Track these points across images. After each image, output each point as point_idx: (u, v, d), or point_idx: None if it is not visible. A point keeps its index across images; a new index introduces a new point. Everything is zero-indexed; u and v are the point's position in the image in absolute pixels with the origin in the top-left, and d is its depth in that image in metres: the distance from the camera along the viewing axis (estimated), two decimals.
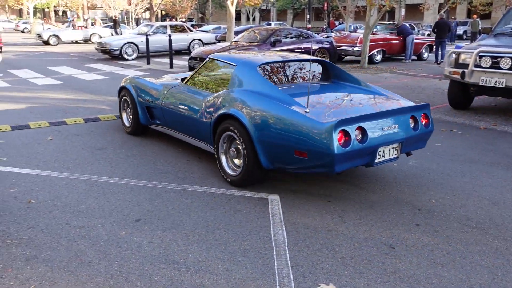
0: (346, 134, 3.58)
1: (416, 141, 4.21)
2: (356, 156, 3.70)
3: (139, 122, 5.90)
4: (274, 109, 3.93)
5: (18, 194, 4.08)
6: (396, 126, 3.93)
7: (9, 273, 2.84)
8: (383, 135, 3.83)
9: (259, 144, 3.98)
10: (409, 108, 4.12)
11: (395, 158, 4.05)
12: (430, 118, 4.28)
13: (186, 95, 5.04)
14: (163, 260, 3.00)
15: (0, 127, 6.47)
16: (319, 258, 3.05)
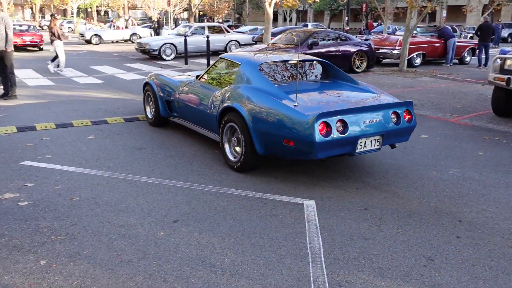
0: (328, 125, 4.07)
1: (399, 134, 4.61)
2: (337, 145, 4.17)
3: (159, 114, 6.49)
4: (268, 103, 4.45)
5: (62, 191, 4.24)
6: (377, 120, 4.37)
7: (53, 268, 2.95)
8: (364, 127, 4.28)
9: (254, 133, 4.50)
10: (391, 104, 4.56)
11: (377, 149, 4.49)
12: (413, 114, 4.67)
13: (198, 90, 5.61)
14: (200, 262, 3.05)
15: (46, 125, 6.74)
16: (356, 267, 3.02)
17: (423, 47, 15.11)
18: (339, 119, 4.14)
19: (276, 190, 4.34)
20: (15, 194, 4.15)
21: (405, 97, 9.27)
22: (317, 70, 5.78)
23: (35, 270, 2.93)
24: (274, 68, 5.52)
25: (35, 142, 5.84)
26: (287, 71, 5.59)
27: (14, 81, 8.91)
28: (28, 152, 5.41)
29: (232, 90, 4.92)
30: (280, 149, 4.40)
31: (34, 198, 4.08)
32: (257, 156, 4.63)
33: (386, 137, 4.49)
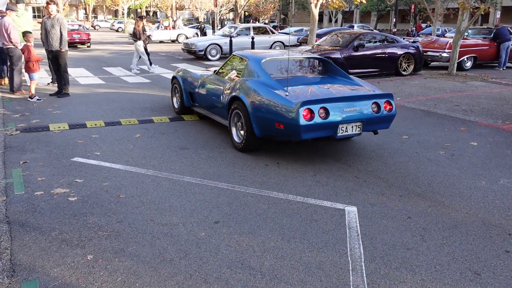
0: (311, 111, 4.76)
1: (378, 122, 5.24)
2: (319, 129, 4.86)
3: (184, 104, 7.44)
4: (265, 93, 5.21)
5: (109, 188, 4.40)
6: (357, 108, 5.02)
7: (99, 263, 3.07)
8: (345, 114, 4.95)
9: (253, 119, 5.27)
10: (371, 95, 5.20)
11: (358, 134, 5.16)
12: (393, 105, 5.28)
13: (214, 82, 6.49)
14: (240, 264, 3.08)
15: (95, 123, 7.01)
16: (397, 278, 2.95)
17: (475, 49, 14.53)
18: (321, 106, 4.83)
19: (317, 195, 4.31)
20: (66, 190, 4.35)
21: (453, 102, 8.96)
22: (318, 66, 6.49)
23: (82, 264, 3.06)
24: (277, 64, 6.13)
25: (85, 139, 6.09)
26: (289, 66, 6.18)
27: (67, 79, 9.33)
28: (78, 149, 5.66)
29: (239, 82, 5.72)
30: (273, 131, 5.16)
31: (83, 194, 4.26)
32: (256, 138, 5.41)
33: (366, 124, 5.15)
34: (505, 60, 14.89)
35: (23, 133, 6.38)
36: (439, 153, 5.64)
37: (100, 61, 16.91)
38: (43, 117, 7.40)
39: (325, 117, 4.84)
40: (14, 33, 9.16)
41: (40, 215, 3.78)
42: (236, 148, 5.67)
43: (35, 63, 8.95)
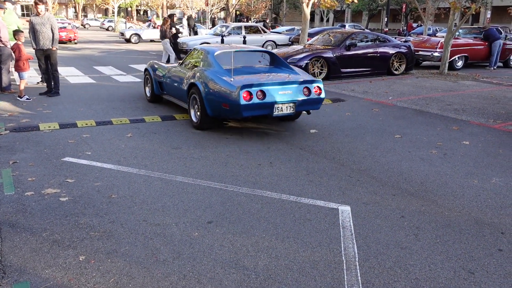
0: (250, 93, 5.74)
1: (309, 103, 6.26)
2: (257, 108, 5.85)
3: (154, 92, 8.43)
4: (215, 80, 6.18)
5: (101, 188, 4.35)
6: (290, 92, 6.04)
7: (91, 264, 3.03)
8: (280, 96, 5.94)
9: (206, 101, 6.25)
10: (303, 81, 6.21)
11: (292, 113, 6.19)
12: (322, 90, 6.30)
13: (178, 72, 7.45)
14: (233, 265, 3.06)
15: (86, 122, 6.94)
16: (391, 278, 2.95)
17: (466, 49, 14.63)
18: (259, 89, 5.82)
19: (310, 194, 4.30)
20: (57, 190, 4.29)
21: (445, 101, 9.01)
22: (266, 58, 7.42)
23: (74, 265, 3.02)
24: (229, 56, 6.85)
25: (76, 139, 6.03)
26: (239, 59, 7.07)
27: (58, 78, 9.22)
28: (69, 149, 5.59)
29: (196, 71, 6.68)
30: (221, 111, 6.14)
31: (74, 194, 4.21)
32: (209, 117, 6.40)
33: (298, 105, 6.15)
34: (496, 60, 15.01)
35: (12, 133, 6.30)
36: (431, 152, 5.66)
37: (90, 60, 16.77)
38: (33, 116, 7.32)
39: (262, 98, 5.84)
40: (4, 31, 9.04)
41: (31, 216, 3.73)
42: (193, 127, 6.70)
43: (25, 62, 8.85)
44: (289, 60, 11.26)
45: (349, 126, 7.00)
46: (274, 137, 6.28)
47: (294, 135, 6.40)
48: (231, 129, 6.71)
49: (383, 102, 8.86)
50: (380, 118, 7.51)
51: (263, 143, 5.98)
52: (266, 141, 6.09)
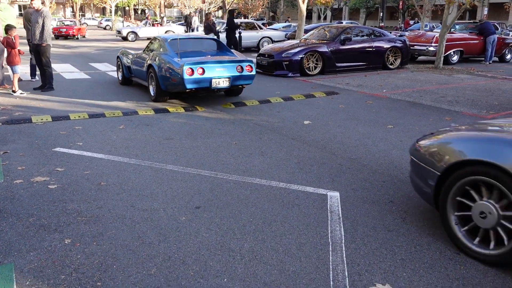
0: (192, 70, 7.14)
1: (242, 79, 7.71)
2: (198, 82, 7.27)
3: (124, 76, 9.89)
4: (166, 60, 7.60)
5: (90, 176, 4.35)
6: (226, 69, 7.49)
7: (76, 247, 3.03)
8: (217, 73, 7.40)
9: (160, 77, 7.69)
10: (237, 60, 7.72)
11: (228, 87, 7.64)
12: (253, 68, 7.77)
13: (140, 57, 8.89)
14: (219, 247, 3.06)
15: (79, 115, 6.93)
16: (377, 258, 2.95)
17: (461, 43, 14.63)
18: (199, 66, 7.25)
19: (300, 181, 4.30)
20: (46, 178, 4.29)
21: (439, 93, 9.01)
22: (213, 44, 8.90)
23: (59, 248, 3.01)
24: (181, 42, 8.15)
25: (68, 131, 6.02)
26: (189, 44, 8.51)
27: (50, 74, 9.18)
28: (60, 140, 5.59)
29: (154, 55, 8.16)
30: (171, 85, 7.58)
31: (63, 182, 4.20)
32: (162, 91, 7.87)
33: (233, 80, 7.59)
34: (491, 54, 15.02)
35: (5, 125, 6.29)
36: None
37: (86, 57, 16.74)
38: (26, 110, 7.31)
39: (202, 74, 7.26)
40: None
41: (19, 202, 3.73)
42: (151, 100, 8.19)
43: (16, 55, 8.79)
44: (283, 54, 11.27)
45: (342, 117, 7.00)
46: (266, 128, 6.28)
47: (286, 126, 6.40)
48: (224, 121, 6.71)
49: (377, 95, 8.86)
50: (374, 110, 7.51)
51: (255, 134, 5.98)
52: (258, 132, 6.09)
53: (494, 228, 2.84)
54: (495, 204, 2.83)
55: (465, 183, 2.96)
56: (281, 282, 2.66)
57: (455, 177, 3.02)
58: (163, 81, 7.65)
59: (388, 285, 2.65)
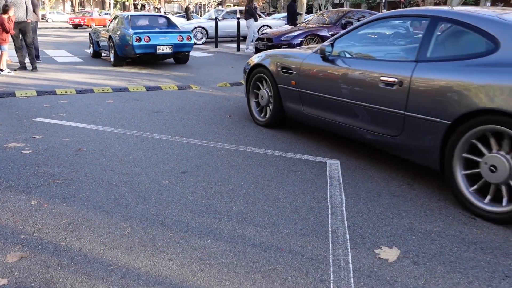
0: (140, 38, 8.92)
1: (182, 46, 9.54)
2: (145, 48, 9.03)
3: (94, 49, 11.45)
4: (122, 32, 9.22)
5: (70, 143, 4.01)
6: (168, 38, 9.30)
7: (44, 207, 2.69)
8: (161, 41, 9.22)
9: (116, 46, 9.29)
10: (178, 31, 9.53)
11: (170, 53, 9.43)
12: (191, 38, 9.61)
13: (104, 32, 10.43)
14: (204, 209, 2.72)
15: (66, 90, 6.58)
16: (382, 221, 2.61)
17: None
18: (146, 35, 9.06)
19: (297, 150, 3.96)
20: (21, 144, 3.95)
21: None
22: (163, 20, 10.40)
23: (24, 208, 2.67)
24: (138, 18, 10.18)
25: (53, 104, 5.68)
26: (143, 20, 10.23)
27: (33, 53, 8.79)
28: (43, 111, 5.24)
29: (114, 28, 9.85)
30: (124, 51, 9.26)
31: (39, 148, 3.86)
32: (119, 56, 9.51)
33: (174, 47, 9.44)
34: None
35: None
36: None
37: (82, 45, 16.36)
38: (11, 86, 6.96)
39: (148, 41, 9.11)
40: None
41: None
42: (111, 65, 9.80)
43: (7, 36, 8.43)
44: (283, 37, 10.92)
45: None
46: None
47: None
48: (218, 97, 6.36)
49: None
50: None
51: None
52: None
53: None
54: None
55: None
56: (273, 244, 2.32)
57: None
58: (119, 48, 9.35)
59: (395, 248, 2.31)
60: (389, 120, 3.20)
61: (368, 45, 3.82)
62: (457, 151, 2.78)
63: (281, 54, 4.47)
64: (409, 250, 2.29)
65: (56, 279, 1.97)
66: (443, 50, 3.02)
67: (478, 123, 2.64)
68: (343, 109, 3.61)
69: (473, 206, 2.72)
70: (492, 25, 2.82)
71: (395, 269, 2.12)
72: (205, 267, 2.10)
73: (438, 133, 2.86)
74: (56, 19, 45.74)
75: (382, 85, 3.22)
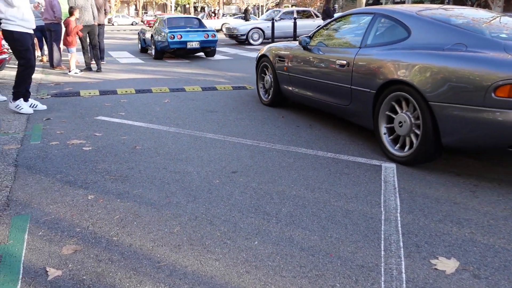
0: (173, 36, 11.14)
1: (208, 42, 11.63)
2: (178, 43, 11.23)
3: (142, 46, 13.75)
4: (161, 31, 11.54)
5: (127, 141, 4.14)
6: (196, 36, 11.44)
7: (99, 203, 2.78)
8: (190, 38, 11.39)
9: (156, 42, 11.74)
10: (204, 30, 11.67)
11: (198, 47, 11.57)
12: (215, 35, 11.68)
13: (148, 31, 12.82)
14: (253, 210, 2.69)
15: (126, 90, 6.83)
16: (440, 230, 2.45)
17: None
18: (178, 34, 11.16)
19: (351, 152, 3.84)
20: (82, 141, 4.13)
21: None
22: (195, 22, 12.50)
23: (81, 203, 2.78)
24: (175, 20, 12.42)
25: (113, 103, 5.91)
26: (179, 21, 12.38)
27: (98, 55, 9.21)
28: (104, 110, 5.46)
29: (155, 28, 12.11)
30: (162, 46, 11.31)
31: (98, 145, 4.01)
32: (158, 51, 11.60)
33: (201, 43, 11.48)
34: None
35: (53, 97, 6.29)
36: None
37: None
38: (77, 85, 7.33)
39: (180, 38, 11.16)
40: (58, 8, 9.19)
41: (50, 161, 3.56)
42: (153, 59, 11.79)
43: (74, 38, 8.91)
44: None
45: None
46: None
47: None
48: None
49: None
50: None
51: (302, 108, 5.56)
52: (307, 106, 5.66)
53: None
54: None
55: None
56: (321, 248, 2.25)
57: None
58: (158, 44, 11.43)
59: (454, 259, 2.16)
60: (342, 93, 4.12)
61: (333, 36, 4.72)
62: (381, 110, 3.66)
63: (278, 46, 5.52)
64: (469, 262, 2.13)
65: (107, 273, 2.02)
66: (378, 38, 3.92)
67: (391, 91, 3.54)
68: (316, 87, 4.56)
69: (388, 152, 3.63)
70: (409, 19, 3.72)
71: (453, 282, 1.98)
72: (251, 269, 2.07)
73: (370, 100, 3.77)
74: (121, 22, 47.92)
75: (338, 67, 4.17)
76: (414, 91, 3.28)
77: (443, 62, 3.14)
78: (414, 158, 3.37)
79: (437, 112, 3.14)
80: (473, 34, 3.27)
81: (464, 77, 2.98)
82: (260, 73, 5.91)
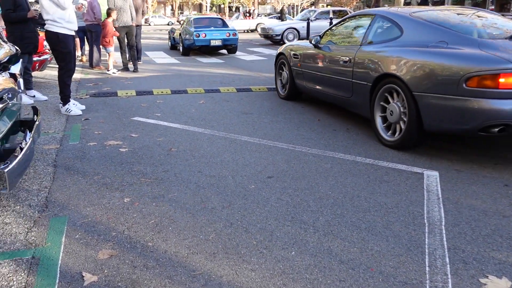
0: (199, 34, 12.41)
1: (229, 40, 12.81)
2: (202, 41, 12.46)
3: (172, 44, 14.80)
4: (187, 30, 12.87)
5: (162, 143, 4.14)
6: (219, 34, 12.70)
7: (135, 206, 2.77)
8: (213, 37, 12.62)
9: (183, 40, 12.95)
10: (227, 29, 12.99)
11: (220, 45, 12.81)
12: (236, 34, 12.92)
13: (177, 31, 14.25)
14: (290, 218, 2.62)
15: (162, 91, 6.89)
16: (489, 246, 2.31)
17: None
18: (203, 33, 12.43)
19: (391, 158, 3.71)
20: (119, 142, 4.16)
21: None
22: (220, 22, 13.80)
23: (117, 206, 2.78)
24: (200, 20, 13.65)
25: (149, 104, 5.96)
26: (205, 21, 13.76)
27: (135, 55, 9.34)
28: (140, 111, 5.51)
29: (183, 28, 13.41)
30: (189, 44, 12.54)
31: (134, 146, 4.04)
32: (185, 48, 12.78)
33: (224, 41, 12.67)
34: None
35: (92, 97, 6.41)
36: None
37: None
38: (115, 85, 7.45)
39: (204, 37, 12.34)
40: (98, 9, 9.38)
41: (88, 162, 3.60)
42: (181, 55, 12.91)
43: (111, 38, 9.08)
44: None
45: None
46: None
47: None
48: (308, 100, 6.24)
49: None
50: None
51: (341, 110, 5.43)
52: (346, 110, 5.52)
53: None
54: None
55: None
56: (362, 262, 2.15)
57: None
58: (185, 41, 12.62)
59: (506, 278, 2.02)
60: (345, 86, 4.58)
61: (340, 35, 5.18)
62: (377, 101, 4.11)
63: (293, 44, 6.14)
64: None
65: (141, 281, 2.00)
66: (376, 37, 4.39)
67: (384, 84, 3.99)
68: (324, 81, 5.03)
69: (381, 137, 4.06)
70: (402, 19, 4.17)
71: None
72: (288, 282, 2.00)
73: (367, 92, 4.22)
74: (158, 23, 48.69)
75: (342, 63, 4.64)
76: (401, 83, 3.74)
77: (425, 58, 3.59)
78: (401, 142, 3.82)
79: (419, 101, 3.59)
80: (454, 32, 3.72)
81: (442, 70, 3.44)
82: (278, 69, 6.44)
